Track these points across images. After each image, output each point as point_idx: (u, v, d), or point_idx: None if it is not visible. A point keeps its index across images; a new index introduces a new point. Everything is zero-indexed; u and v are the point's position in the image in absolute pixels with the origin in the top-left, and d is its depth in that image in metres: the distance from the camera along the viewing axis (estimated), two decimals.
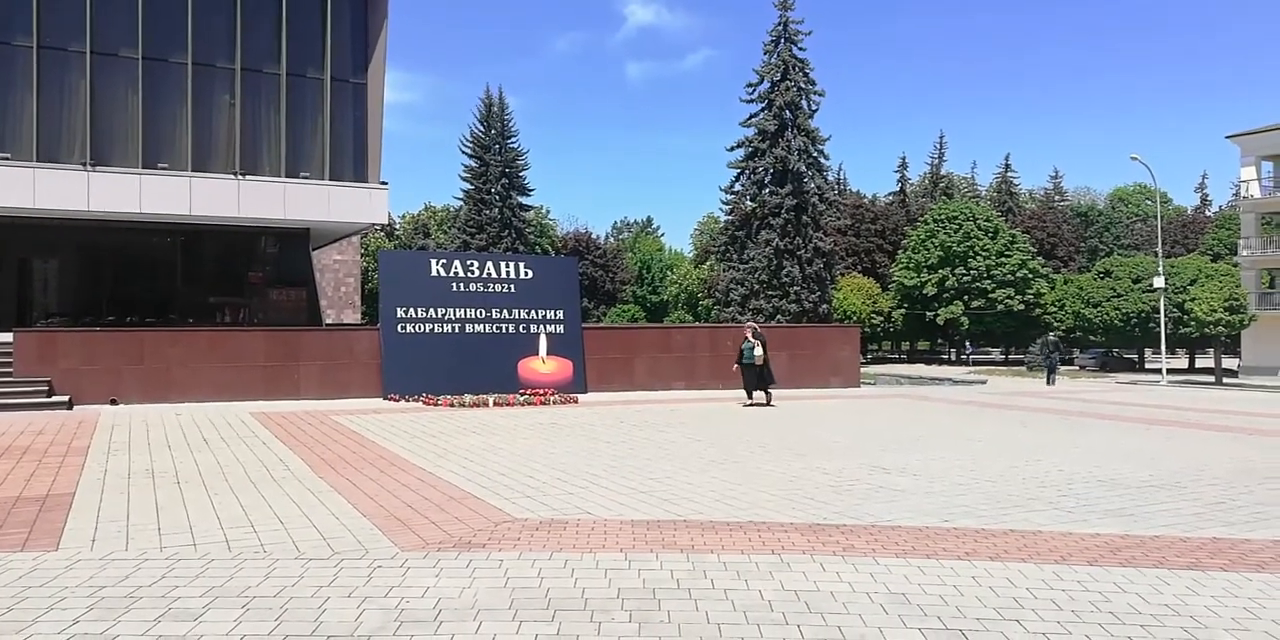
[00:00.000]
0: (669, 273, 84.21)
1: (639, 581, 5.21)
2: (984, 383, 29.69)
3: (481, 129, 72.76)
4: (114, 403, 14.84)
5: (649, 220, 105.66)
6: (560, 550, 5.92)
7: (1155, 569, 5.60)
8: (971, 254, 60.76)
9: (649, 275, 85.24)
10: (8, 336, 14.59)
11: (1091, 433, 13.25)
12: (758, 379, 16.31)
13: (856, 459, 10.05)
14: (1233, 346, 53.71)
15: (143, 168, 21.92)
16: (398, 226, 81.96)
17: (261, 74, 23.26)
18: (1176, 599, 4.99)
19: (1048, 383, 27.63)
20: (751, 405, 16.06)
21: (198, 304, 24.52)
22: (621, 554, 5.85)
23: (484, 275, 17.81)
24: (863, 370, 24.02)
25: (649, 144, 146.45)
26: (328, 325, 19.31)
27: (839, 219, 54.48)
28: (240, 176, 22.78)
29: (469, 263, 17.97)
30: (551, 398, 16.36)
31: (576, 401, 16.28)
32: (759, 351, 16.11)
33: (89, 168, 21.40)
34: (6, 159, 20.77)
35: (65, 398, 14.29)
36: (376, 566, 5.54)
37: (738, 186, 50.16)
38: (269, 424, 12.67)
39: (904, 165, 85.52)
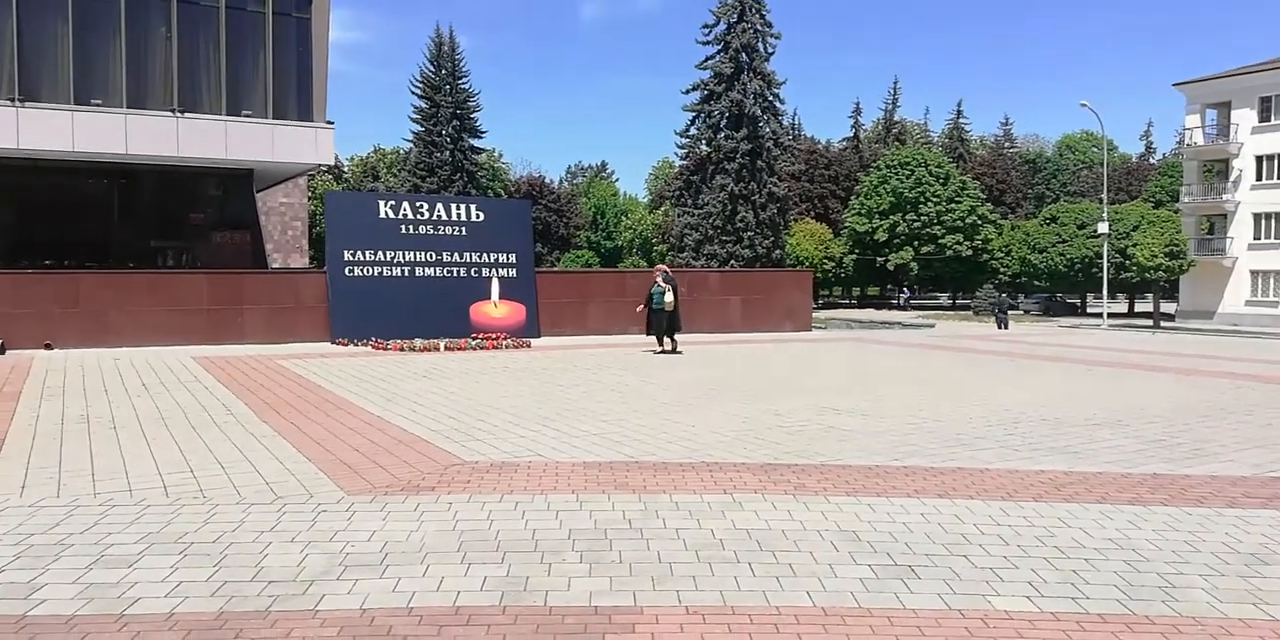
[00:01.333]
0: (623, 218, 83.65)
1: (590, 522, 5.16)
2: (933, 327, 30.17)
3: (432, 69, 70.64)
4: (49, 347, 14.35)
5: (603, 165, 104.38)
6: (511, 493, 5.85)
7: (1098, 504, 5.70)
8: (922, 200, 61.13)
9: (603, 221, 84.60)
10: None
11: (1037, 374, 13.50)
12: (667, 324, 15.44)
13: (808, 400, 10.10)
14: (1171, 292, 55.14)
15: (75, 104, 20.91)
16: (346, 169, 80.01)
17: (199, 6, 22.14)
18: (1119, 533, 5.08)
19: (1000, 328, 28.29)
20: (662, 352, 15.37)
21: (137, 247, 23.70)
22: (573, 495, 5.79)
23: (434, 217, 17.41)
24: (814, 315, 24.20)
25: (604, 87, 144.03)
26: (273, 269, 18.79)
27: (793, 164, 54.24)
28: (179, 114, 21.84)
29: (419, 204, 17.54)
30: (504, 342, 16.20)
31: (529, 346, 16.15)
32: (669, 297, 15.23)
33: (17, 103, 20.34)
34: None
35: None
36: (321, 511, 5.42)
37: (693, 130, 49.57)
38: (212, 369, 12.36)
39: (858, 111, 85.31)
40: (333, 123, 24.14)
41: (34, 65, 20.64)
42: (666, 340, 15.55)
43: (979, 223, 61.39)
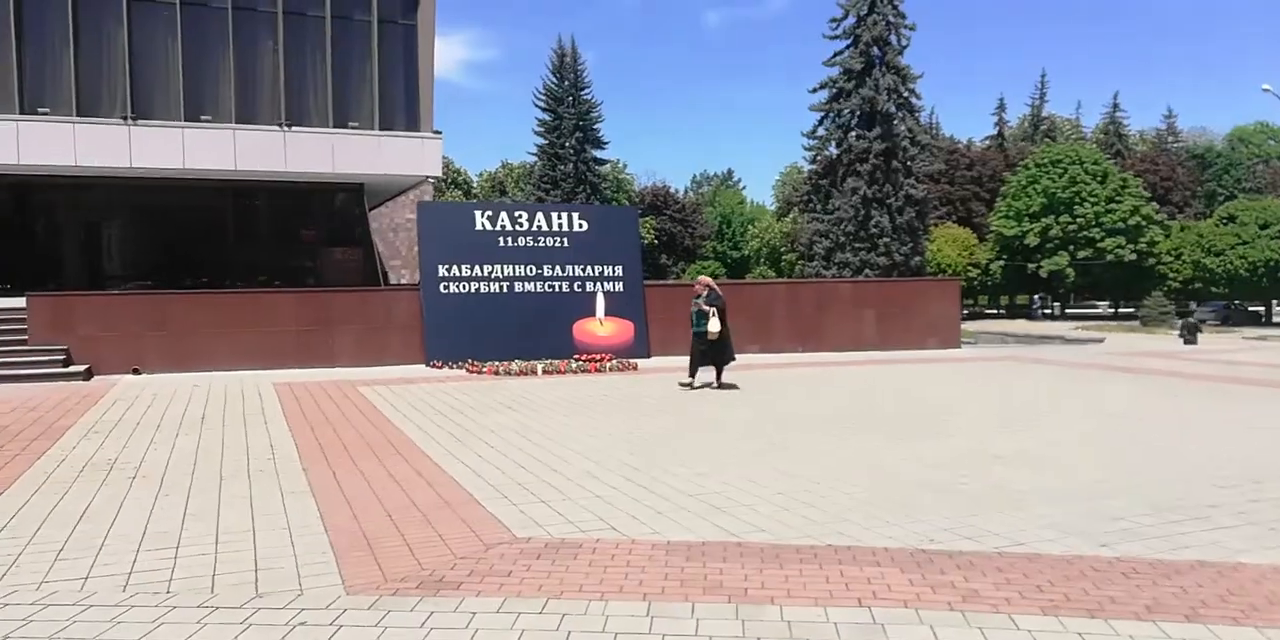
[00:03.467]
0: (750, 227, 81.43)
1: None
2: (1101, 341, 26.84)
3: (554, 81, 70.79)
4: (136, 372, 13.79)
5: (729, 173, 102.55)
6: (560, 595, 4.24)
7: None
8: (1078, 200, 56.43)
9: (729, 230, 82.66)
10: (21, 301, 13.61)
11: (1255, 404, 10.94)
12: (711, 355, 12.13)
13: (962, 442, 8.10)
14: None
15: (185, 120, 20.87)
16: (475, 185, 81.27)
17: (305, 17, 21.81)
18: None
19: (1187, 343, 24.87)
20: (695, 387, 12.06)
21: (249, 265, 23.61)
22: (644, 603, 4.14)
23: (534, 228, 16.14)
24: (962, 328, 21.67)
25: (729, 94, 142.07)
26: (364, 287, 17.95)
27: (932, 164, 50.66)
28: (286, 128, 21.52)
29: (517, 214, 16.30)
30: (608, 364, 14.70)
31: (636, 368, 14.60)
32: (714, 324, 11.89)
33: (130, 122, 20.40)
34: (46, 114, 19.90)
35: (83, 367, 13.27)
36: (299, 622, 3.96)
37: (821, 131, 47.02)
38: (285, 398, 11.34)
39: (1001, 107, 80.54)
40: (440, 133, 23.41)
41: (145, 83, 20.66)
42: (705, 372, 12.31)
43: (1143, 224, 56.16)
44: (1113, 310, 67.57)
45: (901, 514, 5.67)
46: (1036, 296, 64.75)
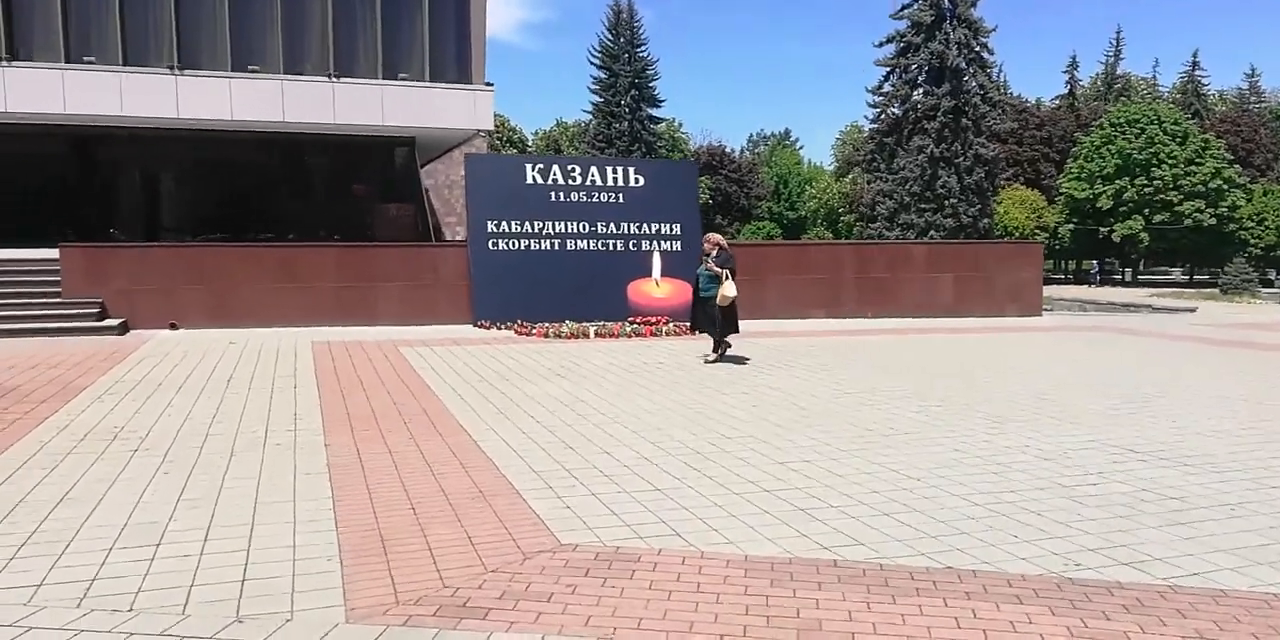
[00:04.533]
0: (808, 187, 79.22)
1: None
2: (1193, 311, 25.03)
3: (610, 38, 68.97)
4: (174, 327, 13.19)
5: (786, 132, 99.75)
6: (613, 633, 3.32)
7: None
8: (1155, 162, 53.54)
9: (786, 190, 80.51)
10: (54, 252, 13.03)
11: None
12: (721, 323, 10.56)
13: (1081, 430, 7.00)
14: None
15: (232, 71, 20.17)
16: (531, 144, 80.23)
17: None
18: None
19: None
20: (716, 359, 10.69)
21: (299, 220, 23.05)
22: None
23: (588, 182, 15.10)
24: None
25: (787, 52, 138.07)
26: (408, 243, 17.15)
27: (1003, 122, 48.21)
28: (335, 79, 20.70)
29: (570, 168, 15.26)
30: (664, 328, 13.73)
31: (694, 333, 13.57)
32: (729, 288, 10.23)
33: (176, 71, 19.75)
34: (91, 62, 19.32)
35: (117, 321, 12.69)
36: None
37: (887, 87, 44.81)
38: (321, 358, 10.59)
39: (1074, 65, 76.72)
40: (491, 85, 22.41)
41: (192, 32, 20.00)
42: (721, 343, 10.77)
43: (1224, 187, 53.14)
44: (1187, 277, 64.59)
45: (1030, 524, 4.65)
46: (1095, 262, 61.92)
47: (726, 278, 10.30)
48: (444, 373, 9.63)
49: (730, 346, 10.86)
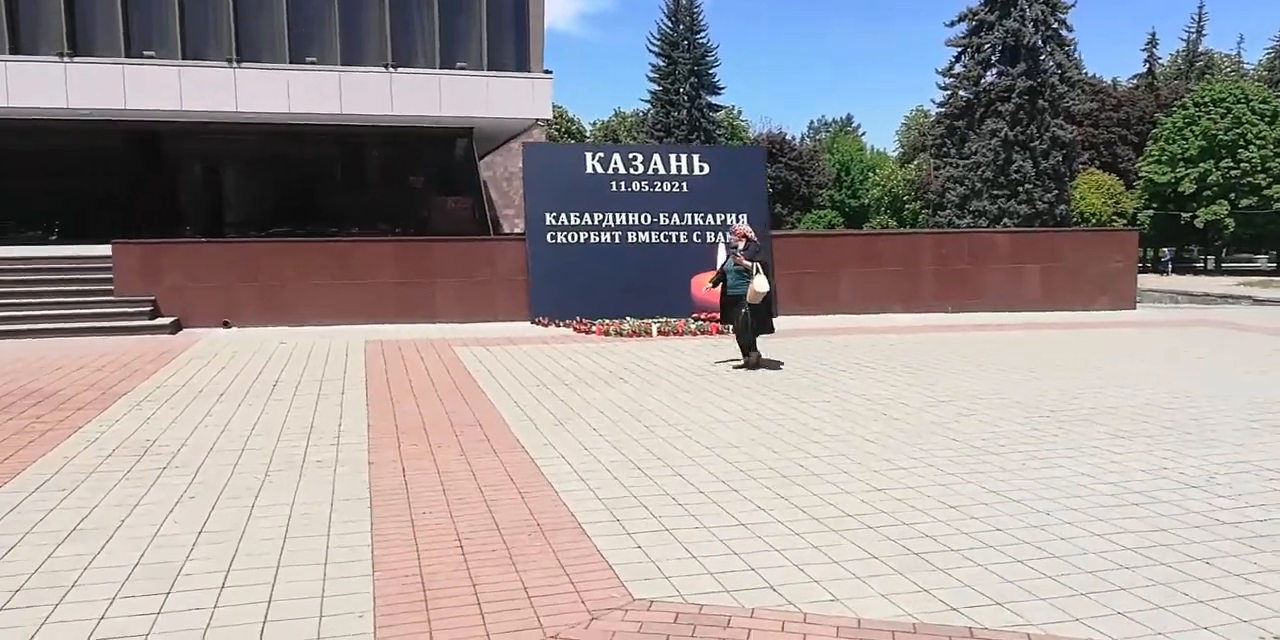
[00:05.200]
0: (870, 174, 77.29)
1: None
2: None
3: (669, 25, 68.07)
4: (226, 325, 12.86)
5: (848, 119, 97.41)
6: None
7: None
8: (1242, 143, 50.74)
9: (848, 178, 78.65)
10: (107, 249, 12.78)
11: None
12: (753, 322, 9.44)
13: (1222, 449, 6.08)
14: None
15: (290, 63, 19.93)
16: (589, 135, 79.75)
17: None
18: None
19: None
20: (742, 365, 9.58)
21: (357, 214, 22.81)
22: None
23: (650, 171, 14.37)
24: None
25: (849, 37, 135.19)
26: (466, 236, 16.64)
27: (1083, 103, 45.95)
28: (392, 69, 20.34)
29: (632, 156, 14.54)
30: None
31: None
32: (761, 282, 9.20)
33: (235, 65, 19.55)
34: (152, 57, 19.22)
35: (169, 319, 12.38)
36: None
37: (958, 68, 43.03)
38: (373, 359, 10.08)
39: (1153, 43, 73.32)
40: (550, 72, 21.83)
41: (250, 24, 19.80)
42: (752, 349, 9.61)
43: None
44: (1275, 264, 61.34)
45: (1199, 577, 3.83)
46: (1166, 249, 59.00)
47: (757, 271, 9.30)
48: (500, 376, 9.03)
49: (758, 353, 9.60)
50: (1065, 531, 4.41)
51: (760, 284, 9.24)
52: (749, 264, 9.40)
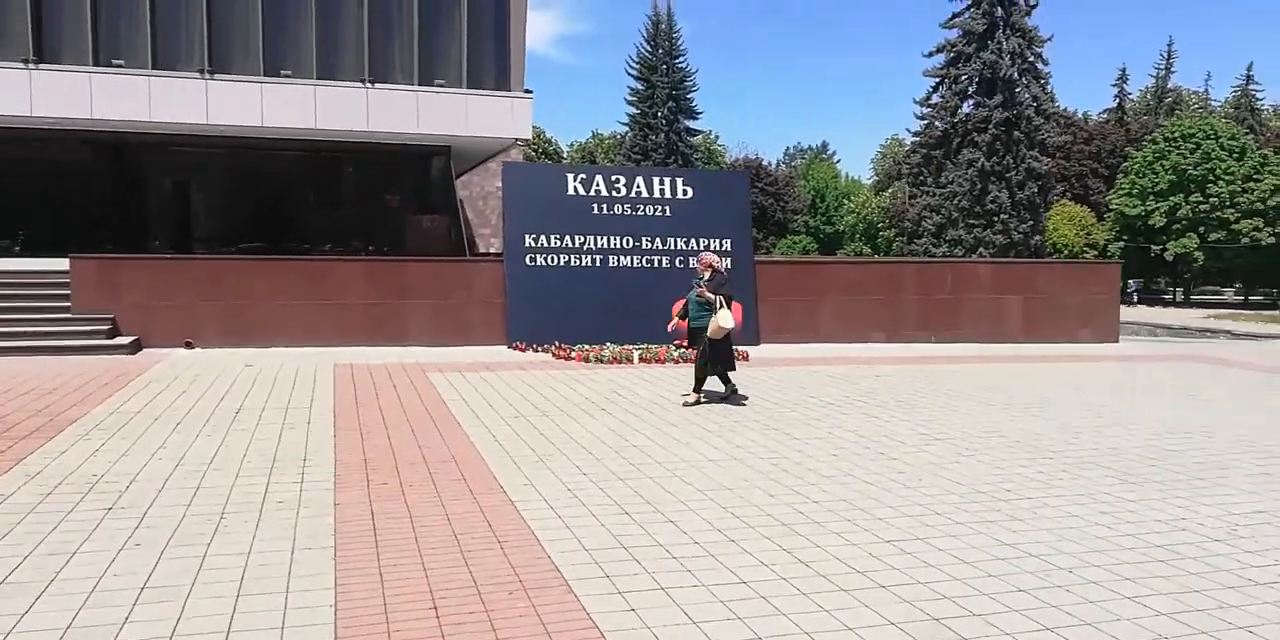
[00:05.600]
0: (845, 201, 77.87)
1: None
2: None
3: (649, 48, 68.29)
4: (189, 346, 12.32)
5: (824, 145, 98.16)
6: None
7: None
8: (1211, 178, 51.64)
9: (822, 204, 79.12)
10: (65, 263, 12.21)
11: None
12: (714, 357, 8.91)
13: (1238, 496, 5.80)
14: None
15: (264, 75, 19.50)
16: (566, 156, 79.67)
17: None
18: None
19: None
20: (696, 402, 8.91)
21: (329, 232, 22.34)
22: None
23: (633, 194, 14.07)
24: None
25: (825, 63, 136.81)
26: (440, 257, 16.29)
27: (1058, 135, 46.48)
28: (369, 84, 19.97)
29: (614, 178, 14.24)
30: None
31: (747, 358, 12.49)
32: (726, 318, 8.66)
33: (207, 75, 19.08)
34: (120, 66, 18.71)
35: (129, 339, 11.82)
36: None
37: (935, 98, 43.41)
38: (342, 385, 9.62)
39: (1123, 78, 74.60)
40: (531, 92, 21.62)
41: (224, 35, 19.37)
42: (710, 380, 9.16)
43: None
44: (1241, 298, 62.26)
45: None
46: (1133, 281, 59.69)
47: (720, 306, 8.75)
48: (476, 405, 8.62)
49: (735, 388, 9.22)
50: (1092, 592, 4.09)
51: (724, 319, 8.65)
52: (711, 297, 8.87)
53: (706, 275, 9.21)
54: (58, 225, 19.73)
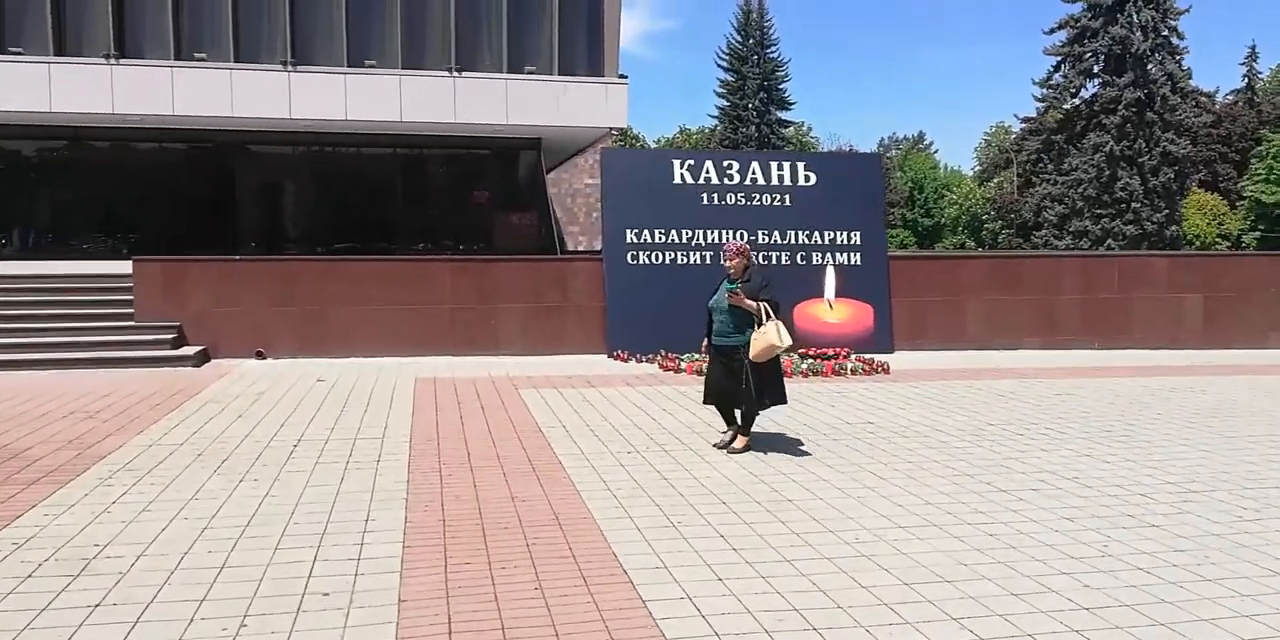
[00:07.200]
0: (946, 193, 74.29)
1: None
2: None
3: (739, 39, 66.25)
4: (260, 356, 11.18)
5: (920, 136, 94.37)
6: None
7: None
8: None
9: (921, 196, 75.71)
10: (129, 266, 11.20)
11: None
12: (750, 385, 6.30)
13: None
14: None
15: (348, 66, 18.55)
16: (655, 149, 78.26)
17: None
18: None
19: None
20: (729, 447, 6.57)
21: (416, 230, 21.33)
22: None
23: (748, 182, 12.38)
24: None
25: (923, 52, 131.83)
26: (533, 256, 14.91)
27: (1199, 115, 42.43)
28: (456, 73, 18.82)
29: (726, 164, 12.55)
30: (847, 364, 10.84)
31: (888, 371, 10.66)
32: (770, 331, 6.18)
33: (290, 68, 18.22)
34: (203, 60, 17.97)
35: (195, 349, 10.70)
36: None
37: (1057, 78, 40.15)
38: (421, 406, 8.22)
39: (1252, 56, 69.14)
40: (625, 77, 20.10)
41: (306, 25, 18.50)
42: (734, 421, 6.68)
43: None
44: None
45: None
46: None
47: (767, 318, 6.22)
48: (579, 434, 7.09)
49: (749, 428, 6.58)
50: None
51: (771, 334, 6.14)
52: (753, 305, 6.28)
53: (735, 265, 6.49)
54: (137, 228, 19.09)
